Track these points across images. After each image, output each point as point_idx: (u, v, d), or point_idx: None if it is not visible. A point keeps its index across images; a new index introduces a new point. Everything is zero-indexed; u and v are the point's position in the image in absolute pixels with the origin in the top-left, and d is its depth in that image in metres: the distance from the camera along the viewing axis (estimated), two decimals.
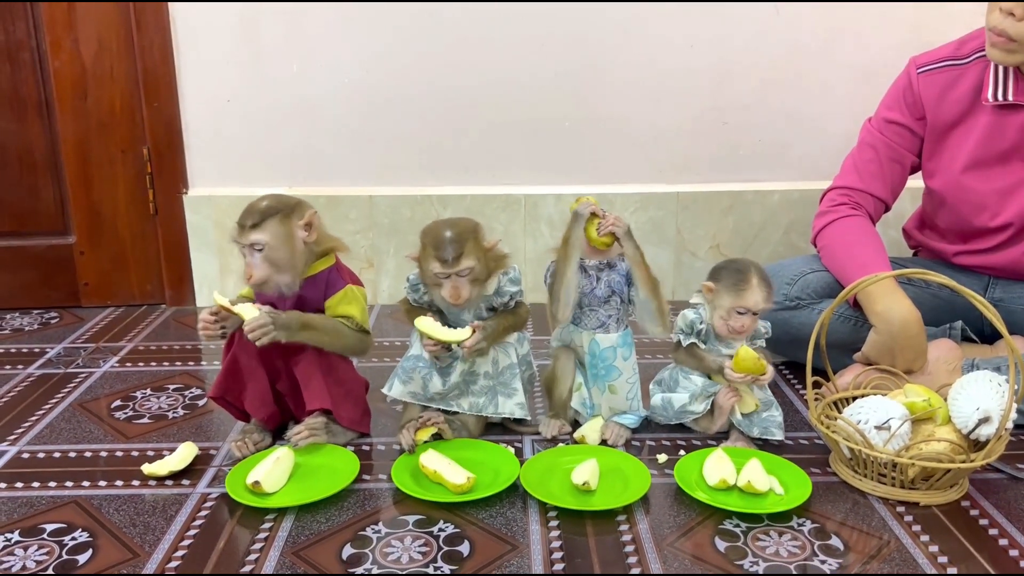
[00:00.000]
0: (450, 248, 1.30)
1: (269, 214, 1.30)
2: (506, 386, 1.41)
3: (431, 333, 1.35)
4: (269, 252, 1.30)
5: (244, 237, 1.30)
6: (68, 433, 1.49)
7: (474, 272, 1.33)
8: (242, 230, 1.30)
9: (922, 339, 1.49)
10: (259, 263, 1.31)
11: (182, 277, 2.22)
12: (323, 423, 1.39)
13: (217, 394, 1.41)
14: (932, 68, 1.60)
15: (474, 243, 1.33)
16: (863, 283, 1.31)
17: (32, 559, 1.11)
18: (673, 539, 1.15)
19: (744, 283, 1.37)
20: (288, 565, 1.09)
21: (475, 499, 1.22)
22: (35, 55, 2.05)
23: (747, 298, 1.36)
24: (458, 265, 1.31)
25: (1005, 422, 1.20)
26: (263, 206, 1.31)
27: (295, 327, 1.33)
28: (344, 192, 2.18)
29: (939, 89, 1.59)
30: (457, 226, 1.33)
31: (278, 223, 1.31)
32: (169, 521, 1.20)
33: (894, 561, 1.10)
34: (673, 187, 2.20)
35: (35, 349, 1.92)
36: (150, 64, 2.06)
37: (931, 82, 1.60)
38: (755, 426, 1.42)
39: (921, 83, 1.61)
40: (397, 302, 1.48)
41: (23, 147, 2.11)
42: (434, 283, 1.35)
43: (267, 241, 1.30)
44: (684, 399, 1.43)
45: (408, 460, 1.33)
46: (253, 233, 1.29)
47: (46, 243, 2.18)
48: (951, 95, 1.58)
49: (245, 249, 1.31)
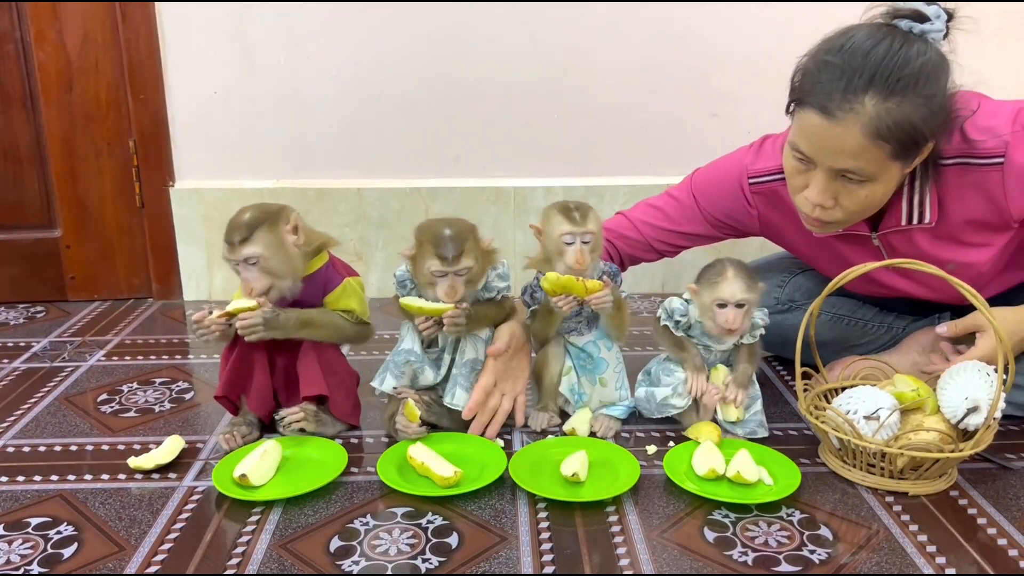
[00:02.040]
0: (451, 246, 1.30)
1: (256, 225, 1.29)
2: (465, 379, 1.40)
3: (420, 308, 1.34)
4: (264, 263, 1.29)
5: (236, 253, 1.29)
6: (54, 427, 1.47)
7: (472, 272, 1.33)
8: (232, 247, 1.29)
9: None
10: (257, 276, 1.30)
11: (169, 271, 2.20)
12: (314, 411, 1.39)
13: (223, 393, 1.41)
14: (762, 181, 1.48)
15: (473, 242, 1.33)
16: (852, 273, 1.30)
17: (17, 553, 1.10)
18: (662, 530, 1.15)
19: (718, 276, 1.36)
20: (275, 558, 1.08)
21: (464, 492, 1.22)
22: (19, 47, 2.03)
23: (723, 289, 1.35)
24: (458, 264, 1.30)
25: (993, 411, 1.20)
26: (247, 219, 1.30)
27: (293, 326, 1.33)
28: (333, 185, 2.17)
29: (772, 201, 1.49)
30: (456, 225, 1.33)
31: (267, 232, 1.30)
32: (155, 515, 1.19)
33: (883, 551, 1.10)
34: (663, 179, 2.19)
35: (21, 343, 1.90)
36: (136, 56, 2.05)
37: (762, 195, 1.49)
38: (739, 427, 1.42)
39: (752, 193, 1.50)
40: (391, 299, 1.47)
41: (7, 140, 2.08)
42: (428, 281, 1.34)
43: (260, 253, 1.29)
44: (667, 392, 1.43)
45: (394, 453, 1.32)
46: (245, 248, 1.28)
47: (32, 237, 2.16)
48: (783, 208, 1.47)
49: (240, 265, 1.30)
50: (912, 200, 1.35)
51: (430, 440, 1.36)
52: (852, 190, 1.25)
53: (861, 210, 1.29)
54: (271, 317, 1.31)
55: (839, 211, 1.29)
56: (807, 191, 1.29)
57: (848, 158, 1.21)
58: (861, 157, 1.20)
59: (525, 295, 1.46)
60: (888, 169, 1.23)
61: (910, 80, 1.16)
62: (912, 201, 1.35)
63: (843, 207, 1.28)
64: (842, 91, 1.18)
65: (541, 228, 1.41)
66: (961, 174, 1.31)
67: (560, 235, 1.36)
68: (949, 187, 1.33)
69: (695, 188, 1.59)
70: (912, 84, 1.16)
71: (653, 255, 1.64)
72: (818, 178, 1.26)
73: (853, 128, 1.18)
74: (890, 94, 1.16)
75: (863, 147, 1.19)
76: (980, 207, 1.33)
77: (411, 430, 1.36)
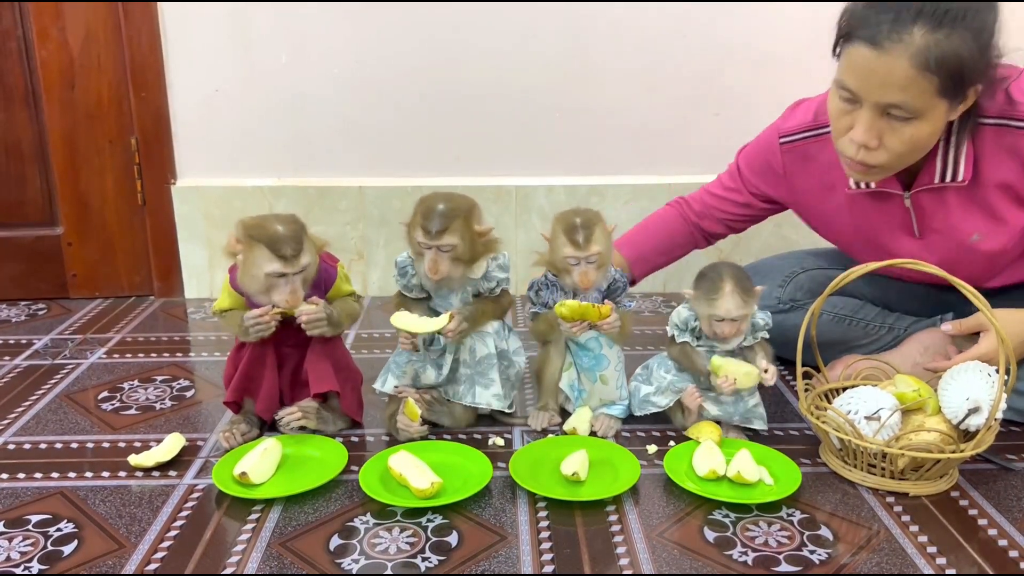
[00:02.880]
0: (437, 221, 1.30)
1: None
2: (483, 376, 1.40)
3: (407, 327, 1.35)
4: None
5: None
6: (54, 424, 1.47)
7: (456, 250, 1.32)
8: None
9: None
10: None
11: (170, 268, 2.21)
12: (315, 408, 1.39)
13: (233, 399, 1.40)
14: (794, 139, 1.51)
15: (463, 222, 1.32)
16: (853, 274, 1.30)
17: (17, 550, 1.10)
18: (662, 529, 1.15)
19: (715, 292, 1.34)
20: (275, 556, 1.08)
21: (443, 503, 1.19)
22: (21, 44, 2.03)
23: (719, 307, 1.33)
24: (440, 239, 1.30)
25: (995, 412, 1.20)
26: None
27: (337, 322, 1.37)
28: (334, 183, 2.17)
29: (801, 163, 1.52)
30: (452, 201, 1.32)
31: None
32: (155, 512, 1.19)
33: (883, 551, 1.10)
34: (665, 178, 2.20)
35: (22, 340, 1.90)
36: (138, 54, 2.05)
37: (793, 156, 1.52)
38: (737, 414, 1.41)
39: (784, 157, 1.54)
40: (392, 297, 1.47)
41: (10, 137, 2.09)
42: (417, 252, 1.35)
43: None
44: (650, 390, 1.43)
45: (377, 462, 1.28)
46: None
47: (33, 234, 2.16)
48: (812, 168, 1.50)
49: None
50: (947, 156, 1.36)
51: (417, 448, 1.33)
52: (898, 129, 1.25)
53: (906, 151, 1.29)
54: (330, 313, 1.34)
55: (883, 153, 1.29)
56: (852, 132, 1.29)
57: (896, 91, 1.21)
58: (909, 90, 1.20)
59: (531, 291, 1.45)
60: (934, 107, 1.23)
61: (958, 13, 1.17)
62: (947, 157, 1.36)
63: (888, 148, 1.28)
64: (891, 22, 1.19)
65: (549, 240, 1.42)
66: (1000, 135, 1.32)
67: (564, 257, 1.37)
68: (986, 147, 1.34)
69: (740, 158, 1.66)
70: (960, 17, 1.17)
71: (723, 228, 1.71)
72: (864, 116, 1.26)
73: (901, 58, 1.18)
74: (938, 25, 1.17)
75: (911, 79, 1.19)
76: (1014, 173, 1.34)
77: (412, 429, 1.36)
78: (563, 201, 2.18)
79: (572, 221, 1.37)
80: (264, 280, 1.28)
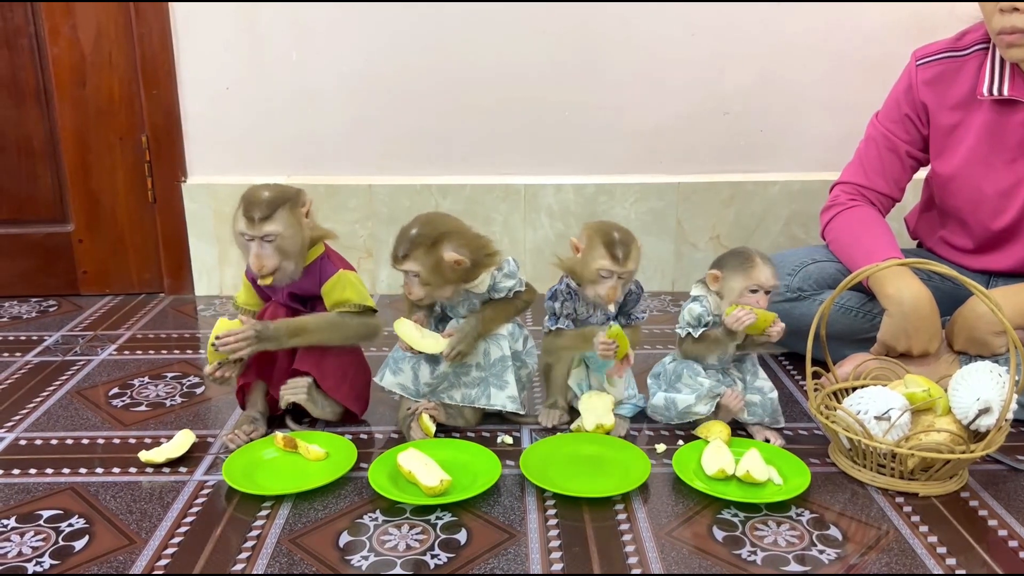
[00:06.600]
0: (400, 247, 1.31)
1: (278, 204, 1.30)
2: (498, 378, 1.40)
3: (406, 340, 1.37)
4: (281, 242, 1.31)
5: (256, 229, 1.29)
6: (65, 420, 1.48)
7: (421, 278, 1.32)
8: (252, 223, 1.29)
9: (935, 319, 1.47)
10: (270, 253, 1.31)
11: (180, 265, 2.21)
12: (308, 384, 1.38)
13: (247, 380, 1.41)
14: (931, 60, 1.59)
15: (424, 252, 1.30)
16: (864, 272, 1.30)
17: (28, 545, 1.10)
18: (671, 528, 1.15)
19: (749, 262, 1.37)
20: (285, 552, 1.09)
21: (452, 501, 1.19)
22: (33, 41, 2.04)
23: (756, 275, 1.36)
24: (402, 265, 1.32)
25: (1005, 413, 1.20)
26: (269, 197, 1.31)
27: (284, 335, 1.34)
28: (343, 181, 2.18)
29: (938, 81, 1.58)
30: (423, 225, 1.32)
31: (287, 212, 1.31)
32: (166, 508, 1.19)
33: (892, 551, 1.09)
34: (673, 178, 2.19)
35: (33, 337, 1.91)
36: (149, 51, 2.06)
37: (930, 74, 1.59)
38: (766, 415, 1.42)
39: (920, 75, 1.60)
40: (400, 296, 1.47)
41: (21, 134, 2.10)
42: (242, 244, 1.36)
43: (280, 231, 1.30)
44: (690, 400, 1.41)
45: (386, 459, 1.28)
46: (266, 225, 1.29)
47: (44, 231, 2.17)
48: (950, 88, 1.57)
49: (255, 241, 1.31)
50: None
51: (426, 446, 1.33)
52: None
53: None
54: (261, 329, 1.32)
55: None
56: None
57: None
58: None
59: (553, 302, 1.43)
60: None
61: None
62: None
63: None
64: None
65: (580, 248, 1.39)
66: None
67: (599, 268, 1.36)
68: None
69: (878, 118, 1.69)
70: None
71: (898, 194, 1.71)
72: None
73: None
74: None
75: None
76: None
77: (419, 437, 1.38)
78: (572, 200, 2.18)
79: (612, 236, 1.36)
80: (237, 240, 1.32)
